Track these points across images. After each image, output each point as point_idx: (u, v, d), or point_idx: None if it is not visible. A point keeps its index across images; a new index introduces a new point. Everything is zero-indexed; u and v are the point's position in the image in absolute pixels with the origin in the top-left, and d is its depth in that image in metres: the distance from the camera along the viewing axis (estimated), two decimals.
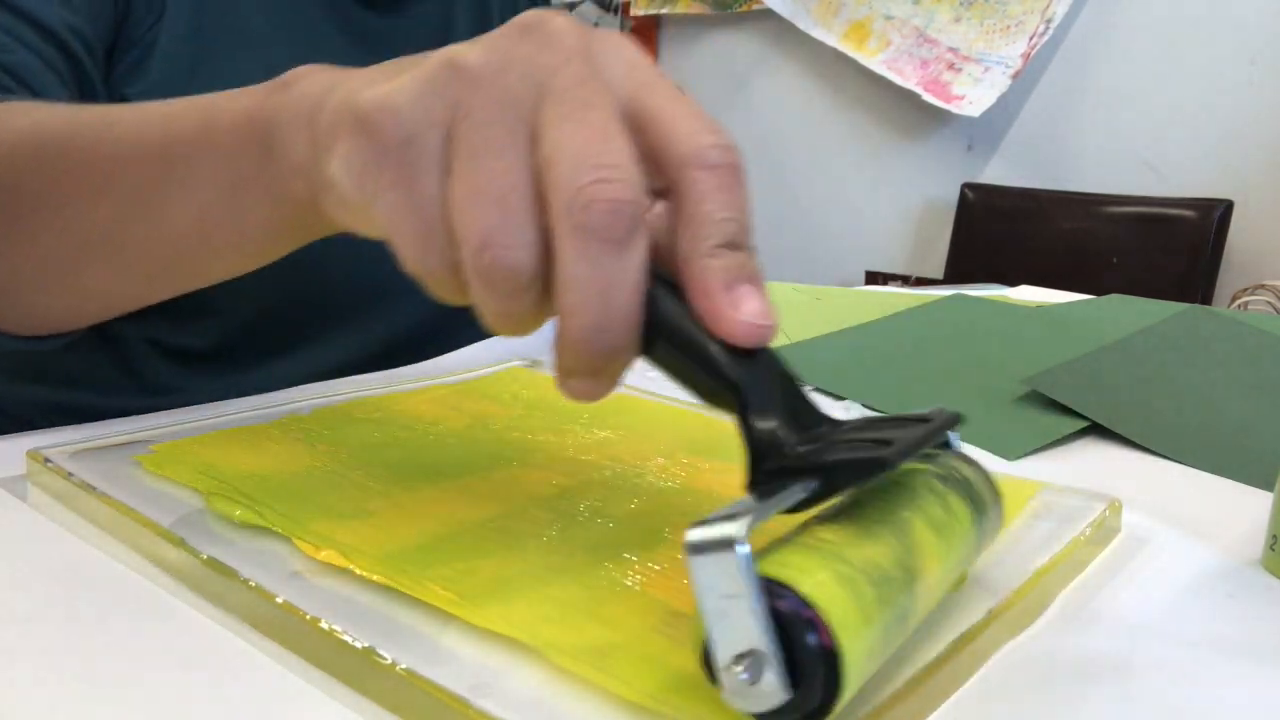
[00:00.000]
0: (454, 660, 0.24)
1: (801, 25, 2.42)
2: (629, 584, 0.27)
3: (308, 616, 0.25)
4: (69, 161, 0.37)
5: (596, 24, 2.93)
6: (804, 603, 0.20)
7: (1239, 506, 0.39)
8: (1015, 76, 2.09)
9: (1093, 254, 1.94)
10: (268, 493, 0.33)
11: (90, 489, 0.32)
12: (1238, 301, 1.63)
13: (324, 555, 0.28)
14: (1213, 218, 1.82)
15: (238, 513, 0.31)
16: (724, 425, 0.44)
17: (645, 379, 0.55)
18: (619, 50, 0.26)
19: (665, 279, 0.25)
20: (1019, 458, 0.44)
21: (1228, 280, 1.86)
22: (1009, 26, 2.10)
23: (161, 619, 0.27)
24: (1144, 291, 0.90)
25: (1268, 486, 0.41)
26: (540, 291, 0.24)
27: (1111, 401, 0.50)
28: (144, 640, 0.26)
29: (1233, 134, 1.89)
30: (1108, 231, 1.94)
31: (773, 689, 0.19)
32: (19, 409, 0.56)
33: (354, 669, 0.24)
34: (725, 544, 0.20)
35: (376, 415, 0.43)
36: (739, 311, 0.24)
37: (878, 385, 0.53)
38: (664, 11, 2.76)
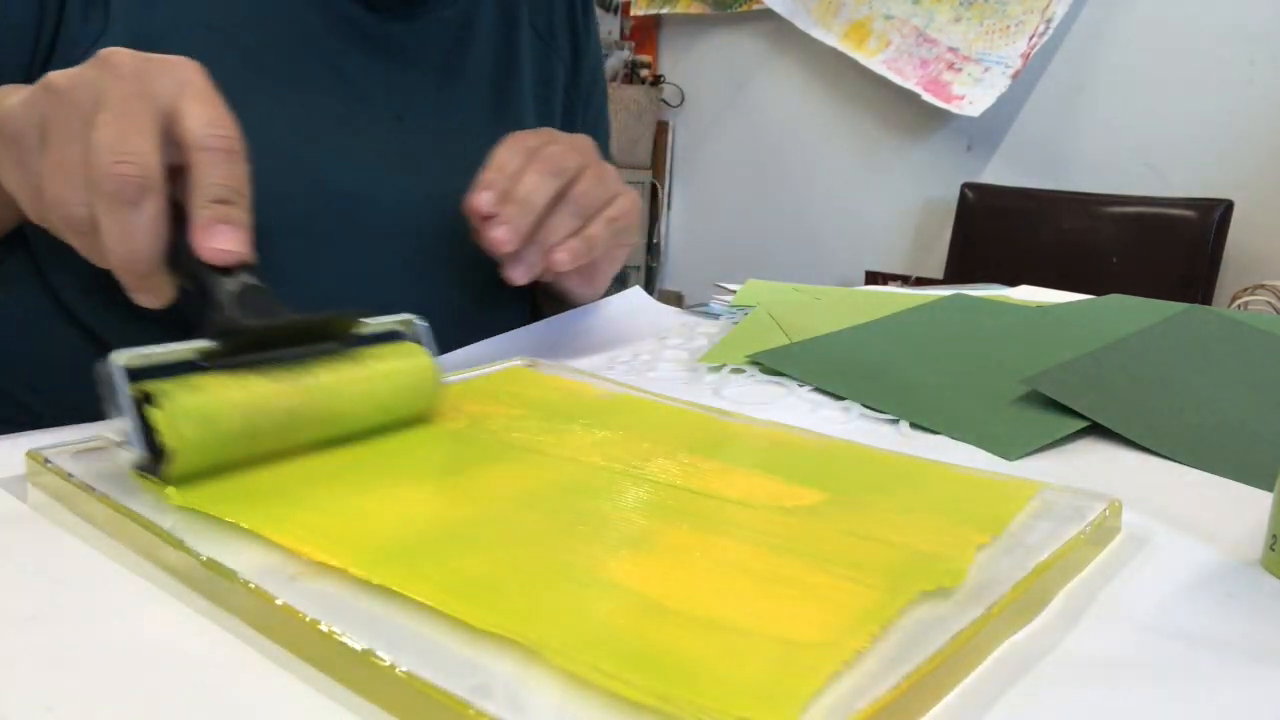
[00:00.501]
0: (454, 661, 0.24)
1: (801, 25, 2.42)
2: (627, 584, 0.27)
3: (307, 618, 0.25)
4: None
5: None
6: (149, 398, 0.32)
7: (1239, 506, 0.39)
8: (1015, 76, 2.09)
9: (1093, 254, 1.94)
10: (253, 492, 0.33)
11: (90, 489, 0.32)
12: (1238, 301, 1.63)
13: (307, 550, 0.28)
14: (1213, 218, 1.82)
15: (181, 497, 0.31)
16: (724, 425, 0.44)
17: (645, 379, 0.55)
18: (171, 72, 0.37)
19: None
20: (1019, 458, 0.44)
21: (1228, 280, 1.86)
22: (1009, 26, 2.11)
23: (161, 619, 0.27)
24: (1144, 291, 0.90)
25: (1268, 486, 0.41)
26: (93, 241, 0.36)
27: (1111, 401, 0.50)
28: (144, 640, 0.26)
29: (1233, 134, 1.89)
30: (1108, 231, 1.94)
31: (138, 449, 0.32)
32: (20, 411, 0.56)
33: (353, 671, 0.24)
34: (110, 363, 0.32)
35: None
36: (213, 240, 0.37)
37: (878, 385, 0.53)
38: (664, 11, 2.77)
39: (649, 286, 2.95)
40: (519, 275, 0.54)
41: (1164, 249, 1.87)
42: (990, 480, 0.37)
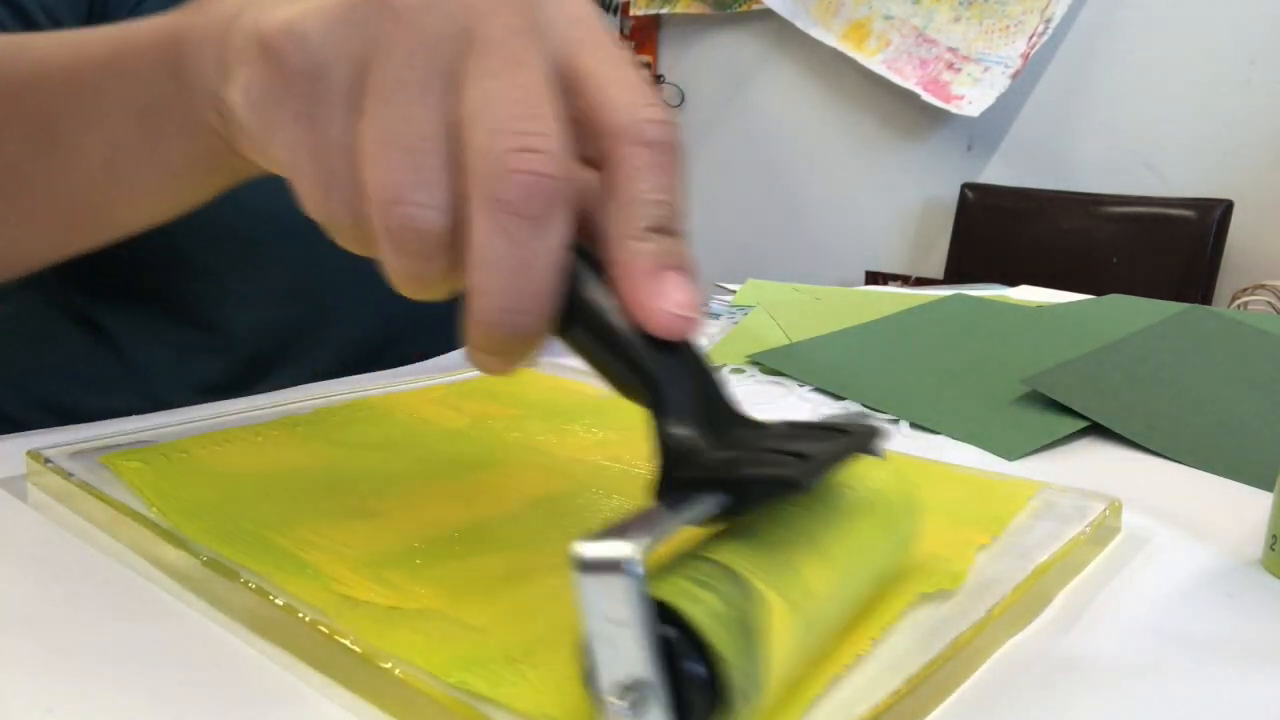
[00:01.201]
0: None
1: (801, 25, 2.42)
2: None
3: (307, 618, 0.25)
4: None
5: None
6: (693, 632, 0.18)
7: (1239, 506, 0.39)
8: (1015, 76, 2.09)
9: (1093, 254, 1.94)
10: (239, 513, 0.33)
11: (90, 489, 0.32)
12: (1238, 301, 1.63)
13: (315, 558, 0.28)
14: (1213, 218, 1.82)
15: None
16: None
17: None
18: (563, 4, 0.24)
19: (589, 254, 0.23)
20: (1019, 458, 0.44)
21: (1228, 280, 1.86)
22: (1008, 26, 2.11)
23: (161, 619, 0.27)
24: (1144, 291, 0.90)
25: (1268, 486, 0.41)
26: (452, 256, 0.22)
27: (1111, 401, 0.50)
28: (144, 640, 0.26)
29: (1233, 134, 1.89)
30: (1108, 231, 1.94)
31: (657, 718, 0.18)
32: (20, 411, 0.56)
33: (353, 671, 0.24)
34: (615, 566, 0.17)
35: (376, 415, 0.43)
36: (663, 301, 0.23)
37: (878, 385, 0.53)
38: (664, 11, 2.76)
39: None
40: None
41: (1164, 249, 1.87)
42: (990, 480, 0.37)
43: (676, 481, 0.22)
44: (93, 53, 0.31)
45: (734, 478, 0.21)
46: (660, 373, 0.23)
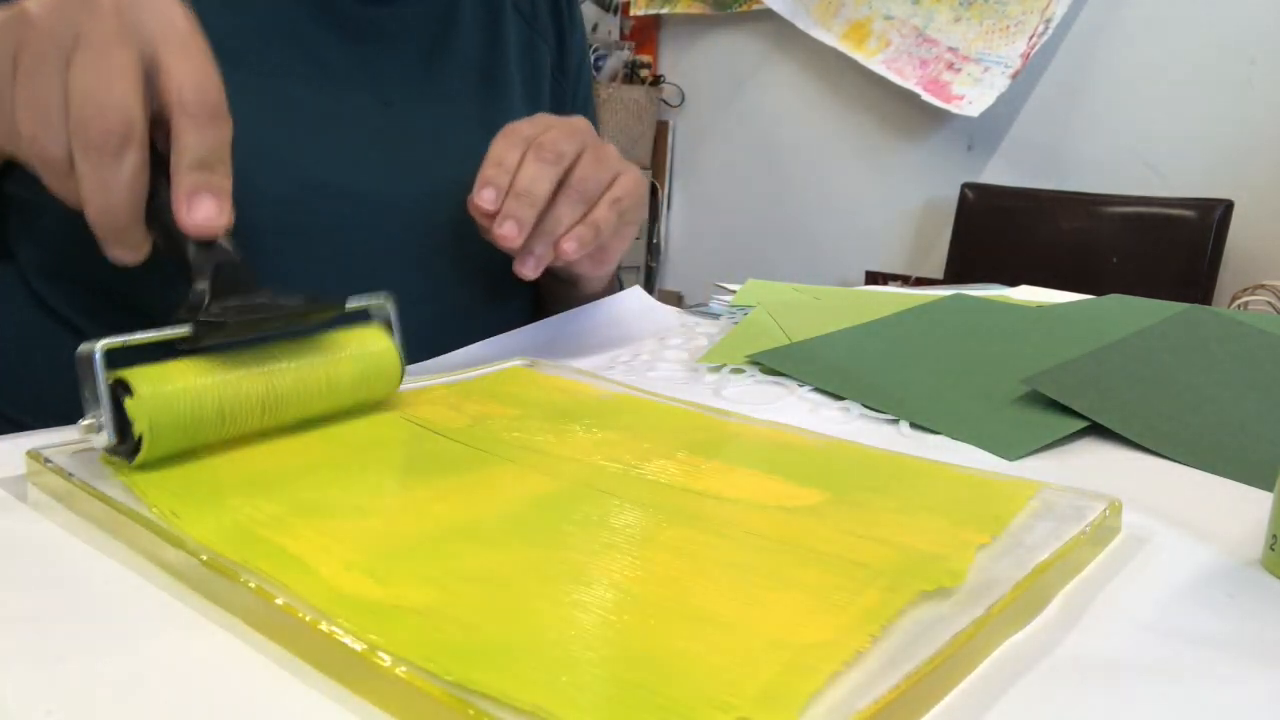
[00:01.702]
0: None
1: (801, 25, 2.42)
2: (627, 584, 0.27)
3: (307, 618, 0.25)
4: None
5: (596, 25, 2.94)
6: (125, 386, 0.33)
7: (1239, 506, 0.39)
8: (1015, 76, 2.09)
9: (1093, 254, 1.94)
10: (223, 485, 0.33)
11: (90, 489, 0.32)
12: (1238, 301, 1.63)
13: (315, 558, 0.28)
14: (1213, 218, 1.82)
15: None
16: (724, 425, 0.44)
17: (645, 379, 0.55)
18: (155, 10, 0.36)
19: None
20: (1019, 458, 0.44)
21: (1228, 280, 1.86)
22: (1008, 26, 2.11)
23: (161, 619, 0.27)
24: (1144, 291, 0.90)
25: (1268, 486, 0.41)
26: (72, 180, 0.35)
27: (1111, 401, 0.50)
28: (144, 641, 0.26)
29: (1233, 134, 1.89)
30: (1108, 231, 1.94)
31: (109, 435, 0.33)
32: (17, 413, 0.56)
33: (353, 671, 0.24)
34: (90, 349, 0.33)
35: (376, 415, 0.43)
36: (192, 214, 0.36)
37: (878, 385, 0.53)
38: (664, 11, 2.77)
39: (649, 286, 2.95)
40: (528, 269, 0.53)
41: (1164, 249, 1.87)
42: (990, 480, 0.37)
43: (187, 313, 0.36)
44: None
45: (191, 320, 0.36)
46: (191, 255, 0.36)
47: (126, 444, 0.33)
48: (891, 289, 0.96)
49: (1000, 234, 2.08)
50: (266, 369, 0.37)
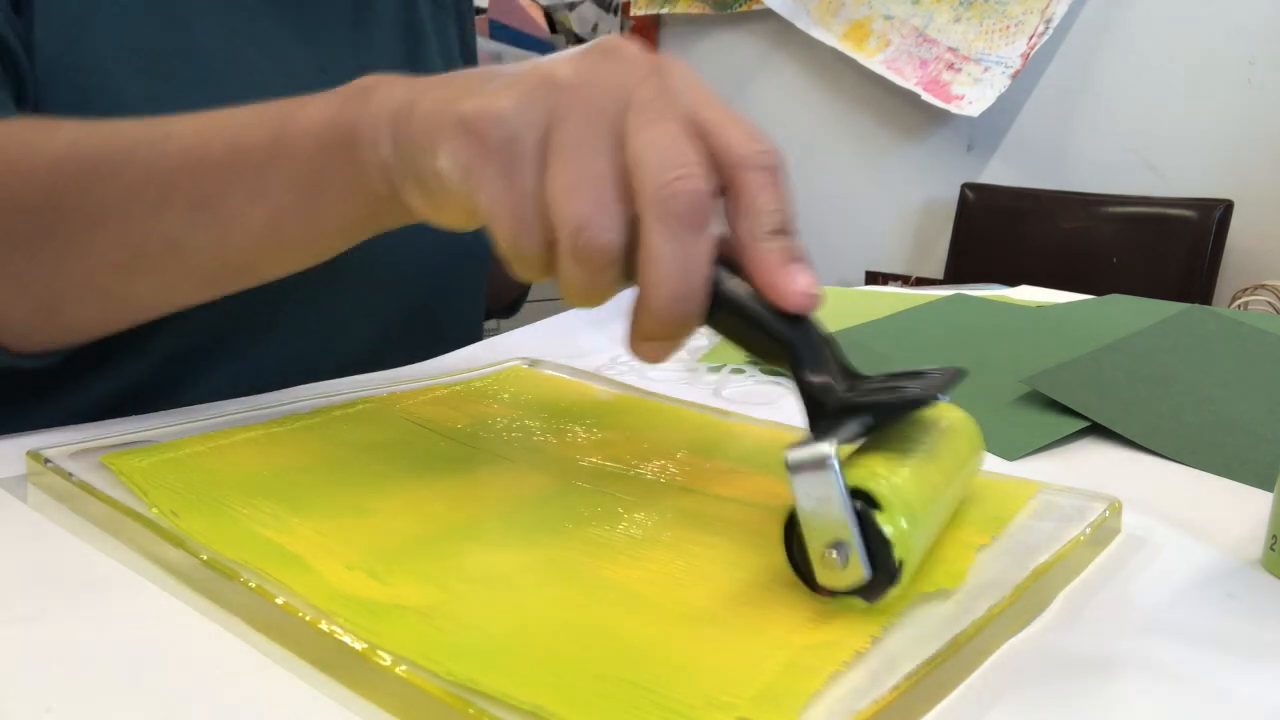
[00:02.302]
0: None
1: (801, 25, 2.42)
2: (627, 584, 0.27)
3: (307, 617, 0.25)
4: (128, 176, 0.38)
5: (596, 25, 2.94)
6: (876, 503, 0.26)
7: (1239, 506, 0.39)
8: (1015, 76, 2.09)
9: (1093, 254, 1.94)
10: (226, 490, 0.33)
11: (90, 489, 0.32)
12: (1238, 301, 1.63)
13: (312, 557, 0.28)
14: (1213, 218, 1.82)
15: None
16: (724, 425, 0.44)
17: (645, 379, 0.55)
18: (681, 72, 0.31)
19: (721, 260, 0.30)
20: (1019, 458, 0.44)
21: (1228, 280, 1.86)
22: (1009, 26, 2.11)
23: (161, 619, 0.27)
24: (1144, 291, 0.90)
25: (1268, 486, 0.41)
26: (620, 268, 0.29)
27: (1111, 401, 0.50)
28: (144, 640, 0.26)
29: (1233, 134, 1.89)
30: (1108, 231, 1.94)
31: (857, 569, 0.25)
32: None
33: (353, 671, 0.24)
34: (821, 460, 0.25)
35: (376, 415, 0.43)
36: (795, 285, 0.29)
37: None
38: (664, 11, 2.76)
39: None
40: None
41: (1164, 249, 1.87)
42: (990, 480, 0.37)
43: (821, 419, 0.29)
44: (254, 137, 0.36)
45: (875, 402, 0.28)
46: (795, 339, 0.30)
47: (877, 576, 0.26)
48: (891, 289, 0.96)
49: (1000, 234, 2.08)
50: (935, 460, 0.30)
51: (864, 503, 0.26)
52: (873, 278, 2.40)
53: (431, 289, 0.63)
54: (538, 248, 0.30)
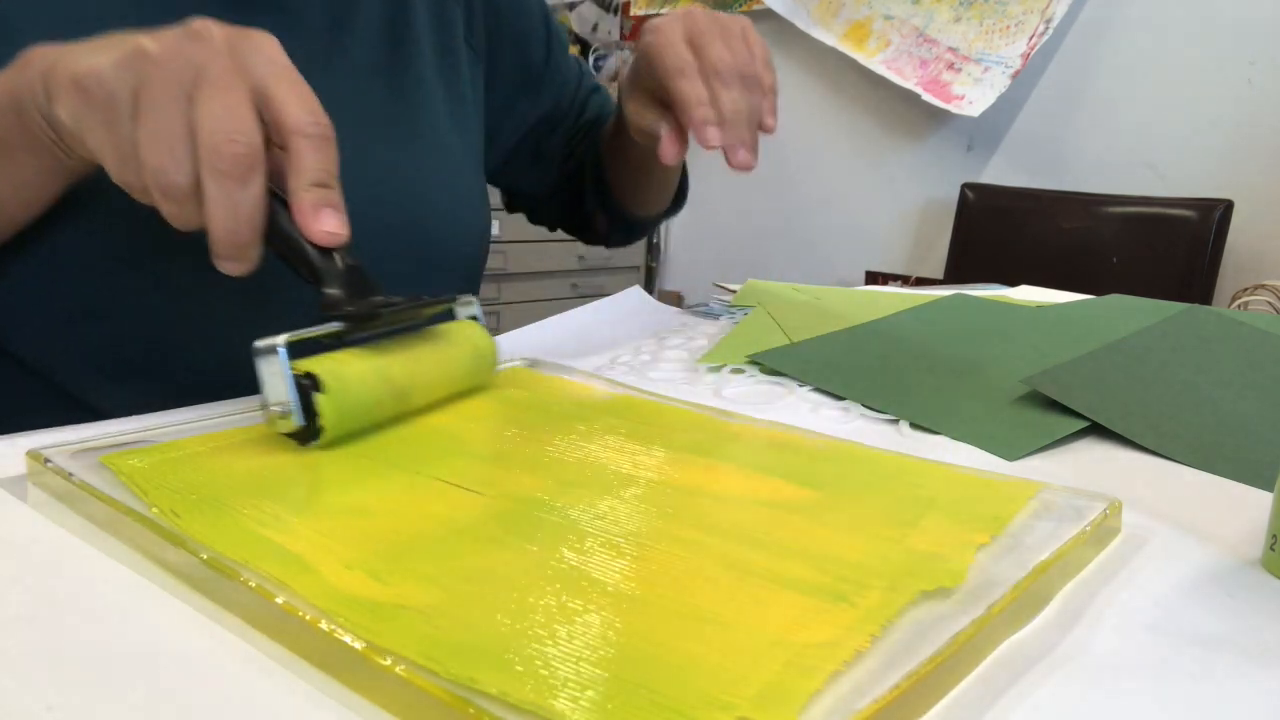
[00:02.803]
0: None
1: (801, 25, 2.42)
2: (626, 584, 0.27)
3: (307, 617, 0.25)
4: None
5: (596, 25, 2.94)
6: (310, 376, 0.38)
7: (1239, 506, 0.39)
8: (1015, 76, 2.09)
9: (1093, 254, 1.94)
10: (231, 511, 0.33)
11: (90, 489, 0.32)
12: (1238, 301, 1.63)
13: (317, 558, 0.28)
14: (1213, 218, 1.82)
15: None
16: (724, 426, 0.44)
17: (645, 380, 0.55)
18: (260, 48, 0.38)
19: (284, 200, 0.39)
20: (1019, 458, 0.44)
21: (1228, 280, 1.86)
22: (1009, 26, 2.11)
23: (161, 619, 0.27)
24: (1144, 291, 0.90)
25: (1268, 486, 0.41)
26: (197, 203, 0.37)
27: (1111, 401, 0.50)
28: (144, 640, 0.26)
29: (1233, 134, 1.89)
30: (1108, 231, 1.94)
31: (289, 421, 0.37)
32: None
33: (353, 671, 0.24)
34: (271, 348, 0.37)
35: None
36: (321, 225, 0.39)
37: (878, 385, 0.53)
38: (664, 11, 2.76)
39: (649, 286, 2.95)
40: (748, 159, 0.61)
41: (1164, 249, 1.87)
42: (990, 480, 0.37)
43: (327, 313, 0.40)
44: None
45: (345, 313, 0.40)
46: (319, 264, 0.40)
47: (310, 428, 0.37)
48: (891, 289, 0.96)
49: (1000, 234, 2.08)
50: (409, 355, 0.42)
51: (310, 382, 0.37)
52: (873, 278, 2.40)
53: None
54: (138, 183, 0.37)
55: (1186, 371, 0.56)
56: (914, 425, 0.48)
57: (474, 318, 0.49)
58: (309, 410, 0.37)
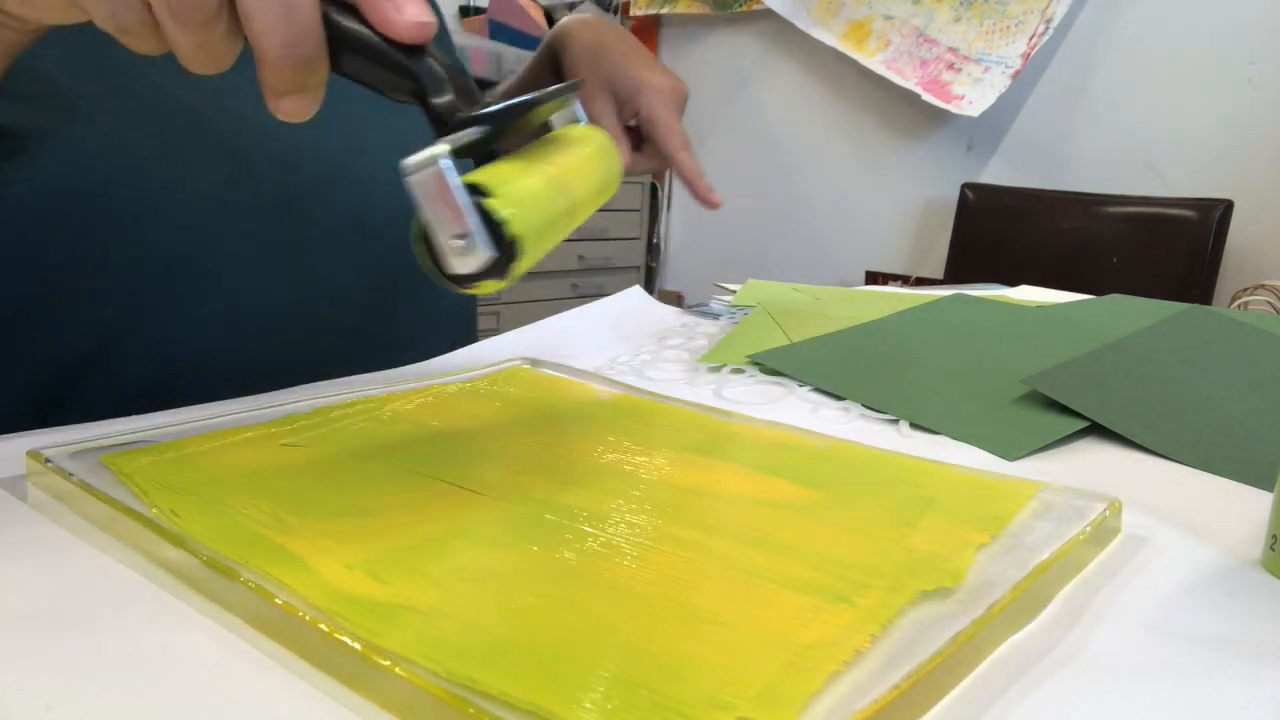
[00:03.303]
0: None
1: (801, 25, 2.42)
2: (627, 584, 0.27)
3: (307, 617, 0.25)
4: None
5: None
6: (488, 192, 0.28)
7: (1239, 506, 0.39)
8: (1015, 76, 2.09)
9: (1093, 254, 1.94)
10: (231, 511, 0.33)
11: (90, 489, 0.32)
12: (1238, 301, 1.63)
13: (318, 561, 0.28)
14: (1213, 218, 1.82)
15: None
16: (724, 426, 0.44)
17: (645, 380, 0.55)
18: None
19: (336, 1, 0.30)
20: (1019, 458, 0.44)
21: (1228, 280, 1.86)
22: (1009, 26, 2.11)
23: (161, 619, 0.27)
24: (1144, 291, 0.90)
25: (1268, 486, 0.41)
26: (228, 21, 0.28)
27: (1111, 401, 0.50)
28: (144, 640, 0.26)
29: (1233, 134, 1.89)
30: (1108, 231, 1.94)
31: (481, 250, 0.28)
32: None
33: (352, 668, 0.24)
34: (431, 160, 0.27)
35: (374, 414, 0.43)
36: (403, 14, 0.29)
37: (878, 385, 0.53)
38: (664, 11, 2.77)
39: (649, 286, 2.95)
40: (716, 198, 0.67)
41: (1164, 249, 1.87)
42: (990, 480, 0.37)
43: (451, 127, 0.31)
44: None
45: (490, 113, 0.31)
46: (418, 68, 0.31)
47: (500, 260, 0.29)
48: (891, 289, 0.96)
49: (1000, 234, 2.08)
50: (563, 160, 0.35)
51: (477, 194, 0.28)
52: (873, 278, 2.40)
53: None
54: (136, 17, 0.28)
55: (1186, 371, 0.56)
56: (914, 425, 0.48)
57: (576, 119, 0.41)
58: (496, 236, 0.28)
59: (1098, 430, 0.48)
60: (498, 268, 0.28)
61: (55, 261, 0.47)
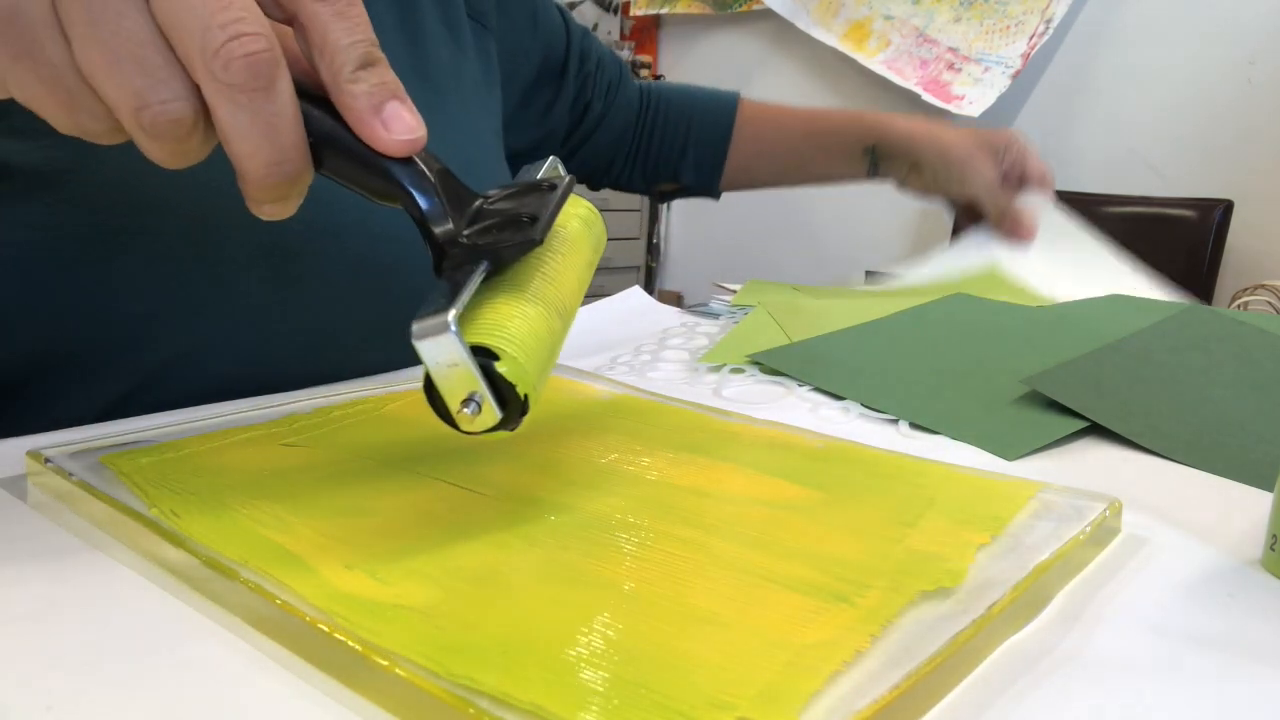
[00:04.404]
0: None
1: (801, 25, 2.42)
2: (626, 583, 0.28)
3: (307, 617, 0.25)
4: None
5: (596, 25, 2.93)
6: (494, 354, 0.28)
7: (1239, 506, 0.39)
8: (1015, 76, 2.09)
9: None
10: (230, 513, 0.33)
11: (90, 489, 0.32)
12: (1238, 301, 1.63)
13: (318, 560, 0.28)
14: (1213, 218, 1.82)
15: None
16: (724, 426, 0.44)
17: (645, 379, 0.55)
18: None
19: (314, 95, 0.28)
20: (1019, 458, 0.44)
21: (1228, 280, 1.86)
22: (1009, 26, 2.11)
23: (161, 619, 0.27)
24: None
25: (1268, 486, 0.41)
26: (204, 130, 0.27)
27: (1111, 401, 0.50)
28: (144, 640, 0.26)
29: (1233, 134, 1.89)
30: (1108, 231, 1.93)
31: (490, 413, 0.28)
32: None
33: (353, 668, 0.24)
34: (441, 328, 0.27)
35: (375, 414, 0.43)
36: (392, 132, 0.28)
37: (878, 385, 0.53)
38: (664, 11, 2.77)
39: (649, 286, 2.95)
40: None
41: (1164, 249, 1.86)
42: (990, 480, 0.37)
43: (449, 263, 0.30)
44: None
45: (490, 248, 0.30)
46: (411, 183, 0.29)
47: (510, 413, 0.29)
48: (892, 287, 0.96)
49: None
50: (550, 263, 0.32)
51: (484, 356, 0.28)
52: (873, 278, 2.40)
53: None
54: (101, 125, 0.27)
55: (1186, 371, 0.56)
56: (914, 425, 0.48)
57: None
58: (499, 393, 0.28)
59: (1097, 430, 0.48)
60: (508, 422, 0.29)
61: (70, 302, 0.46)
